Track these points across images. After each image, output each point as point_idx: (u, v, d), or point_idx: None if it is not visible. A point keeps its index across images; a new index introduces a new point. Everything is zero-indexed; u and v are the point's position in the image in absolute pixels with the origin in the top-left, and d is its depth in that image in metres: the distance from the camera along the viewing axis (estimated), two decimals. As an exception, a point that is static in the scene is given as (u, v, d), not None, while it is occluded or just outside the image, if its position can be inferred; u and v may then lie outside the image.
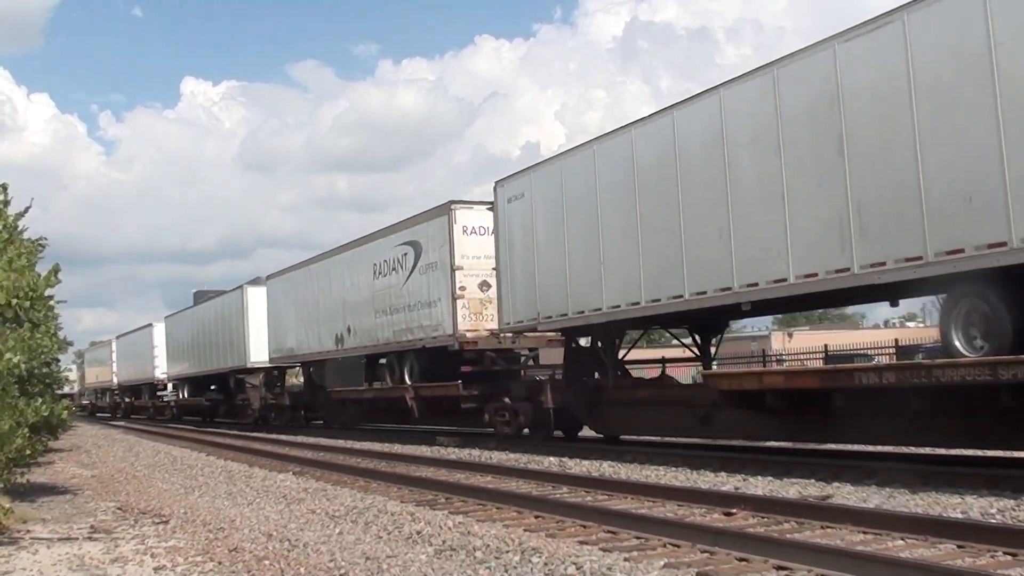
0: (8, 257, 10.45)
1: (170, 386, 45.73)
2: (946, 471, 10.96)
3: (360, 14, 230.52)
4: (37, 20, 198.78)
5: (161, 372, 45.72)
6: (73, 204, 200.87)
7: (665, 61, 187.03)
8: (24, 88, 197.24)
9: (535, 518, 9.77)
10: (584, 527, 9.01)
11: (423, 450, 19.34)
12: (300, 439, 25.24)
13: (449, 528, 9.24)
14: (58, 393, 20.98)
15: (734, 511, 9.30)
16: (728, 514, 9.28)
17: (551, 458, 15.55)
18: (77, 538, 9.92)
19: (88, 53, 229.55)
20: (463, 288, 20.44)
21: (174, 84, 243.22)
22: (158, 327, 46.33)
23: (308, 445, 22.93)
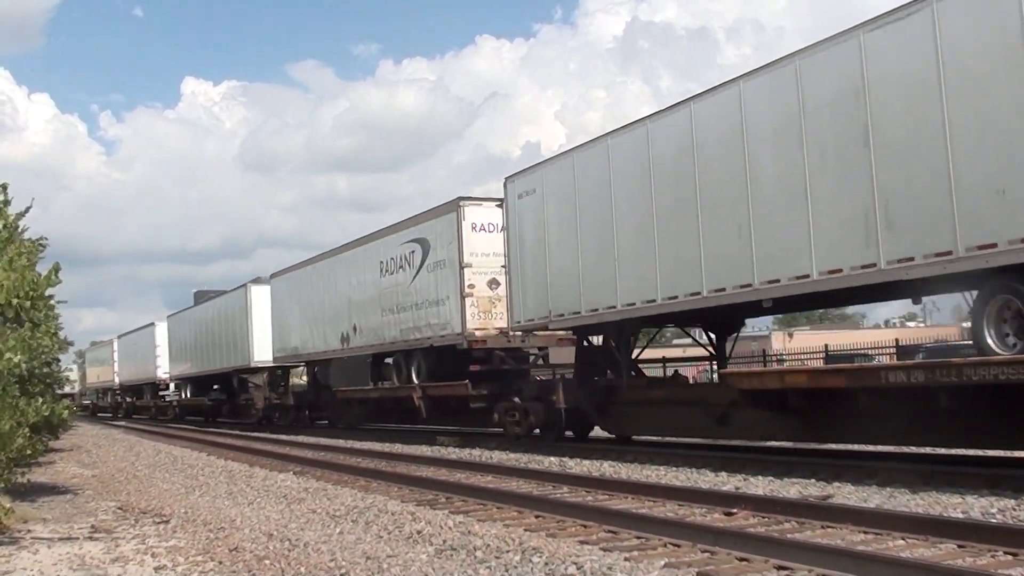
0: (8, 257, 10.44)
1: (172, 386, 45.59)
2: (947, 471, 10.95)
3: (360, 14, 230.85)
4: (38, 20, 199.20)
5: (163, 372, 45.56)
6: (73, 204, 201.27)
7: (665, 61, 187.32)
8: (25, 88, 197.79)
9: (536, 518, 9.77)
10: (585, 527, 9.01)
11: (424, 450, 19.33)
12: (301, 439, 25.22)
13: (450, 528, 9.24)
14: (58, 393, 21.00)
15: (735, 511, 9.30)
16: (729, 514, 9.27)
17: (551, 458, 15.53)
18: (78, 538, 9.92)
19: (89, 53, 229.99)
20: (472, 286, 20.16)
21: (174, 84, 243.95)
22: (160, 326, 46.15)
23: (309, 445, 22.92)
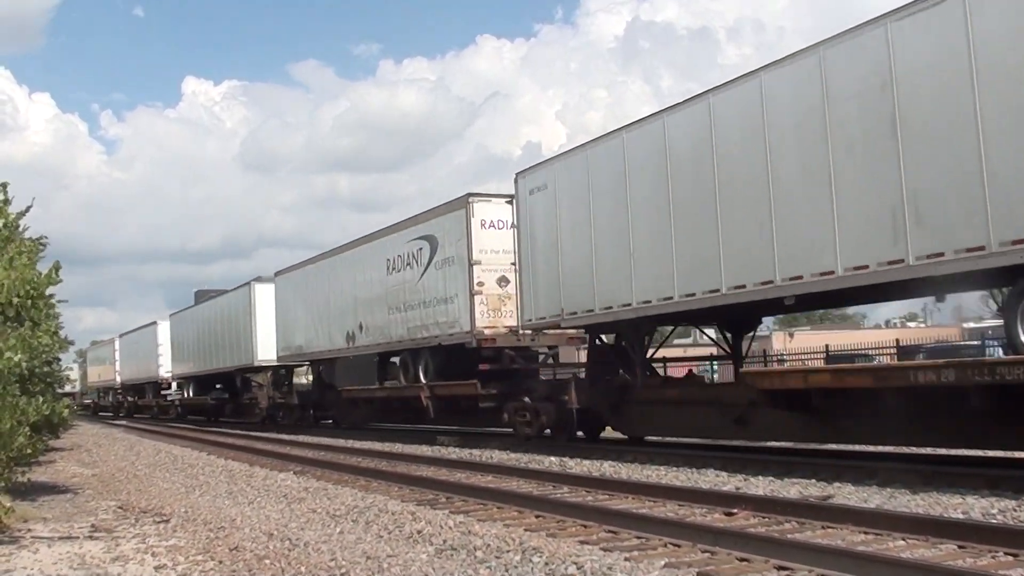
0: (9, 256, 10.45)
1: (174, 385, 45.39)
2: (947, 471, 10.94)
3: (361, 14, 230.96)
4: (38, 20, 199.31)
5: (165, 371, 45.40)
6: (74, 203, 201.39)
7: (666, 61, 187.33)
8: (25, 88, 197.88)
9: (536, 518, 9.76)
10: (585, 527, 9.01)
11: (424, 449, 19.32)
12: (301, 438, 25.20)
13: (450, 527, 9.23)
14: (59, 392, 21.02)
15: (735, 511, 9.29)
16: (729, 514, 9.27)
17: (552, 458, 15.53)
18: (78, 537, 9.91)
19: (89, 53, 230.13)
20: (481, 283, 19.87)
21: (175, 84, 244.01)
22: (162, 325, 45.95)
23: (309, 444, 22.91)
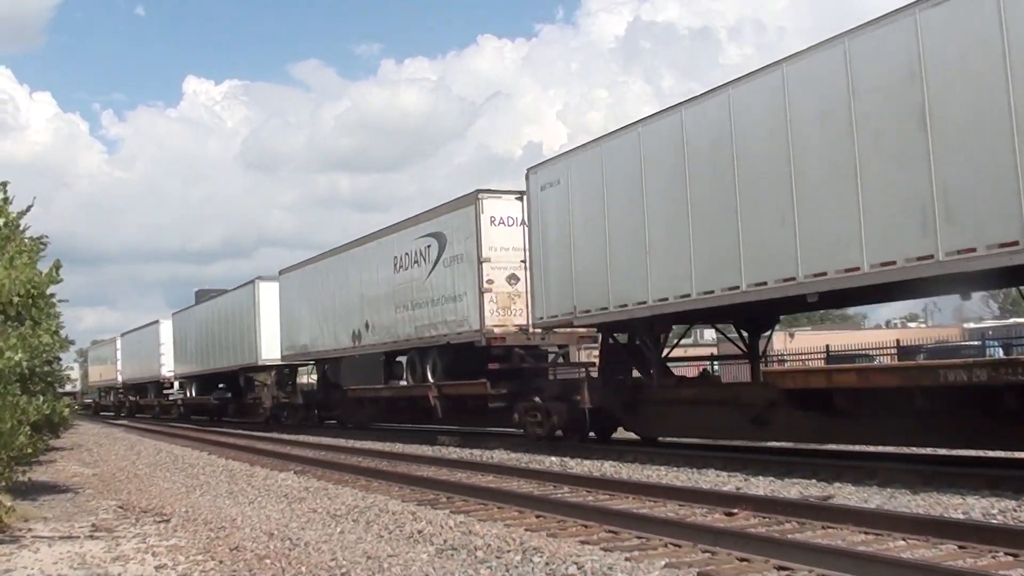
0: (9, 255, 10.45)
1: (177, 384, 45.19)
2: (947, 471, 10.94)
3: (362, 14, 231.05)
4: (39, 19, 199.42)
5: (168, 370, 45.20)
6: (75, 203, 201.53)
7: (667, 61, 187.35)
8: (26, 87, 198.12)
9: (536, 518, 9.76)
10: (585, 527, 9.01)
11: (424, 449, 19.32)
12: (302, 438, 25.19)
13: (450, 527, 9.23)
14: (59, 391, 21.02)
15: (735, 511, 9.29)
16: (729, 514, 9.27)
17: (552, 458, 15.53)
18: (78, 536, 9.91)
19: (90, 52, 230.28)
20: (490, 281, 19.54)
21: (176, 83, 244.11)
22: (165, 324, 45.72)
23: (310, 444, 22.91)
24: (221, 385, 39.13)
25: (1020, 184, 9.67)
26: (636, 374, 17.31)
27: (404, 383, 23.55)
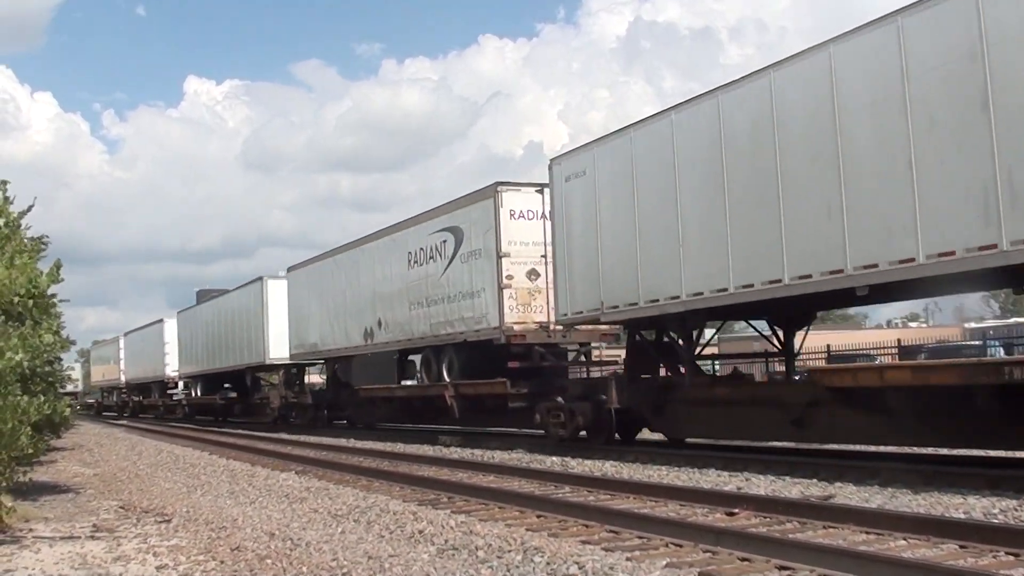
0: (9, 255, 10.45)
1: (181, 384, 44.79)
2: (948, 471, 10.94)
3: (363, 14, 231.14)
4: (40, 19, 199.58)
5: (172, 370, 44.71)
6: (75, 203, 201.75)
7: (668, 61, 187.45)
8: (27, 87, 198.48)
9: (537, 518, 9.77)
10: (586, 527, 9.01)
11: (425, 449, 19.33)
12: (303, 438, 25.20)
13: (451, 527, 9.23)
14: (60, 392, 21.00)
15: (736, 511, 9.29)
16: (730, 514, 9.27)
17: (553, 458, 15.55)
18: (79, 537, 9.91)
19: (91, 52, 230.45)
20: (510, 277, 18.91)
21: (177, 83, 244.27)
22: (169, 323, 45.34)
23: (311, 444, 22.91)
24: (227, 385, 38.66)
25: None
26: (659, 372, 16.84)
27: (417, 382, 23.03)
